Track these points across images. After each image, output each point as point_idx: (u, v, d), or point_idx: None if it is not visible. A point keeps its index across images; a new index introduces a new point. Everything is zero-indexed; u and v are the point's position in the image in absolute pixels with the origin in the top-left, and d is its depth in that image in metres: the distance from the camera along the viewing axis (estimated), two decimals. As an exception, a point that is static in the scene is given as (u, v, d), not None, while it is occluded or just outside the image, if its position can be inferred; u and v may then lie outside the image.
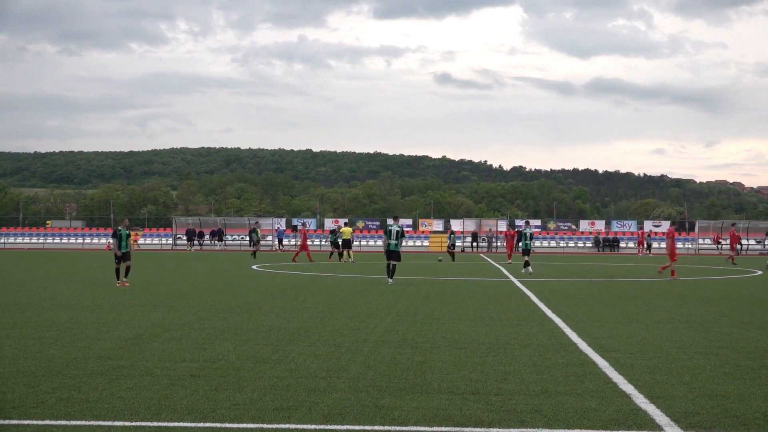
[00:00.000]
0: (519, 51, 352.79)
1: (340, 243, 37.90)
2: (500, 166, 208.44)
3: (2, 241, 67.08)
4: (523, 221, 39.22)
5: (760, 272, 29.59)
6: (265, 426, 6.09)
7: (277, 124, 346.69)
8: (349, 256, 37.42)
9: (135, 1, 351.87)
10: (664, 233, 36.77)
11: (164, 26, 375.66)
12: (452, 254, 40.04)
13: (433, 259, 40.65)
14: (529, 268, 27.09)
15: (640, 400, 6.97)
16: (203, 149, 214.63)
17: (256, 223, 52.04)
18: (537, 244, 63.89)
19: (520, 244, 29.07)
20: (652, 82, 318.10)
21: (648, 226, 69.11)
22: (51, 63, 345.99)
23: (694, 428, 6.13)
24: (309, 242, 64.48)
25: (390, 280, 21.21)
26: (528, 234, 28.87)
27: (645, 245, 54.28)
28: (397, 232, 21.70)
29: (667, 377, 8.01)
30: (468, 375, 8.04)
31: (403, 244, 45.06)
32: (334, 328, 11.63)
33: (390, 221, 23.43)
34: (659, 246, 51.48)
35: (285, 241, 61.22)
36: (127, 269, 20.07)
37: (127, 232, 20.40)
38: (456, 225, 71.23)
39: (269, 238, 62.09)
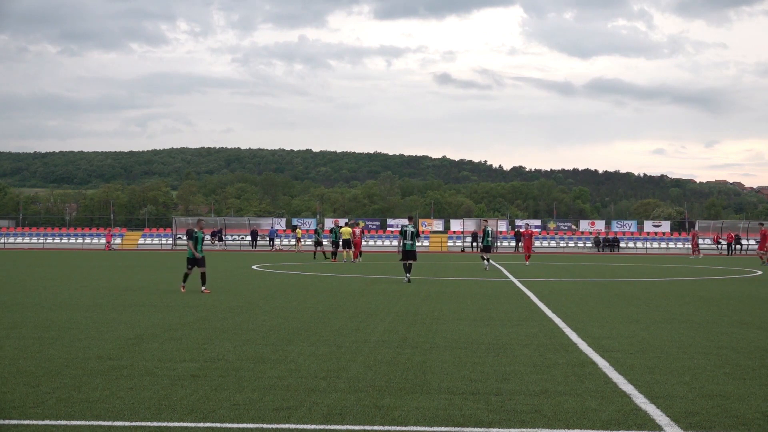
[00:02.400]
0: (519, 51, 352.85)
1: (340, 243, 37.78)
2: (500, 166, 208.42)
3: (2, 241, 67.09)
4: (481, 219, 40.67)
5: (760, 272, 29.59)
6: (265, 426, 6.09)
7: (277, 124, 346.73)
8: (347, 256, 37.26)
9: (136, 2, 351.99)
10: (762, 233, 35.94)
11: (165, 27, 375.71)
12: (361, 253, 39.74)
13: (433, 259, 40.61)
14: (486, 263, 29.55)
15: (640, 400, 6.97)
16: (203, 149, 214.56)
17: (320, 225, 50.33)
18: (537, 244, 63.90)
19: (482, 242, 30.97)
20: (652, 83, 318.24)
21: (648, 226, 69.12)
22: (52, 63, 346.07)
23: (694, 428, 6.13)
24: (309, 242, 64.89)
25: (406, 279, 21.50)
26: (489, 231, 31.00)
27: (698, 246, 52.34)
28: (412, 232, 22.08)
29: (667, 377, 8.01)
30: (468, 375, 8.04)
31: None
32: (334, 328, 11.64)
33: (405, 222, 23.78)
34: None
35: (277, 241, 62.95)
36: (203, 276, 18.06)
37: (203, 234, 18.58)
38: (456, 225, 71.28)
39: (268, 237, 62.72)
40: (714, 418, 6.40)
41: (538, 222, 73.39)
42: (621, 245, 63.73)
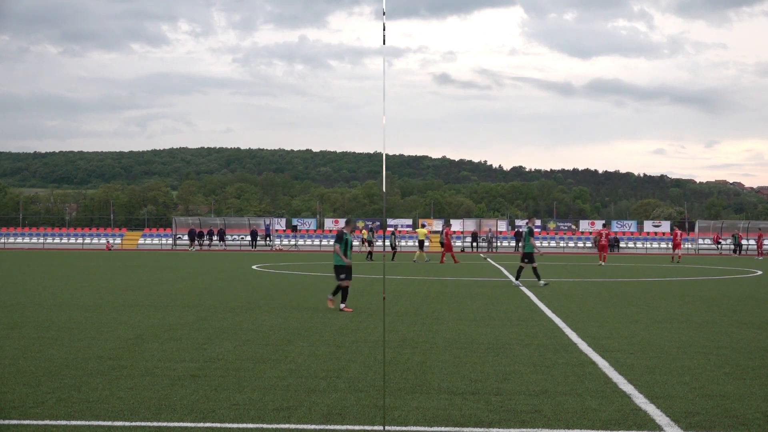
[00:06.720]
0: (520, 51, 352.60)
1: (417, 243, 37.91)
2: (500, 166, 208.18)
3: (2, 241, 67.07)
4: (524, 220, 39.47)
5: (760, 272, 29.58)
6: (265, 426, 6.09)
7: (277, 124, 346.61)
8: (420, 257, 37.61)
9: (137, 3, 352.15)
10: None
11: (166, 27, 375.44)
12: (370, 253, 39.63)
13: (433, 259, 40.58)
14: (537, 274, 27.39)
15: (640, 400, 6.97)
16: (203, 149, 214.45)
17: (374, 222, 48.05)
18: (537, 244, 63.89)
19: (520, 245, 29.63)
20: (652, 83, 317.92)
21: (648, 226, 69.12)
22: (52, 63, 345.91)
23: (694, 428, 6.13)
24: (309, 242, 64.90)
25: (541, 282, 20.52)
26: (525, 233, 27.87)
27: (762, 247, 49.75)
28: (523, 233, 21.54)
29: (667, 377, 8.01)
30: (468, 375, 8.04)
31: (403, 244, 44.99)
32: (334, 328, 11.64)
33: (520, 223, 23.27)
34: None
35: (276, 241, 63.58)
36: (345, 290, 14.64)
37: (353, 238, 15.32)
38: (456, 225, 71.29)
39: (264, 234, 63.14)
40: (714, 418, 6.40)
41: (537, 222, 73.35)
42: (621, 245, 63.69)
